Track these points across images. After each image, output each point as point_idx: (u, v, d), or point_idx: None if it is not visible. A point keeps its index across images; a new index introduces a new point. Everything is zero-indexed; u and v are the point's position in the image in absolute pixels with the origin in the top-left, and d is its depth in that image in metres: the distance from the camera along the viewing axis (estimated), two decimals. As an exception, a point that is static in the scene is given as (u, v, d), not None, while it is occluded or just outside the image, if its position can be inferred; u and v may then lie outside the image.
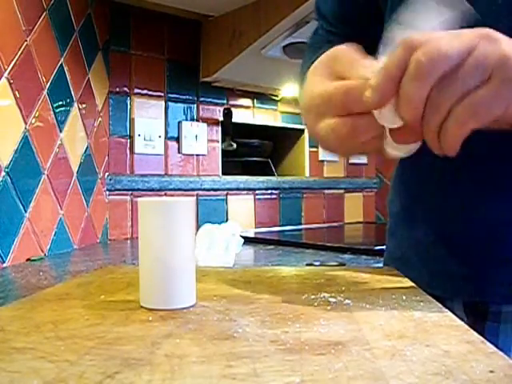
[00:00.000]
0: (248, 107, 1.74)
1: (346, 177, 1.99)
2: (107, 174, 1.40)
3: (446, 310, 0.40)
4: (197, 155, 1.59)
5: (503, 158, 0.51)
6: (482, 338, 0.33)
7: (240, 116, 1.70)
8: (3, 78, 0.94)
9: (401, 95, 0.36)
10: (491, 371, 0.27)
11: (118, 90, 1.43)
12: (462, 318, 0.38)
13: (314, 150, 1.87)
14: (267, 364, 0.28)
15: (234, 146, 1.64)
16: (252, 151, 1.75)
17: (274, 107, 1.81)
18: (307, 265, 0.94)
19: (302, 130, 1.85)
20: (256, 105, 1.77)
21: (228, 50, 1.46)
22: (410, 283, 0.51)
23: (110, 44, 1.42)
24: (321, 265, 0.93)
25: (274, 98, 1.79)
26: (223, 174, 1.65)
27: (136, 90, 1.47)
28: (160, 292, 0.42)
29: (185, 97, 1.57)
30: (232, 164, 1.73)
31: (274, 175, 1.80)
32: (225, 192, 1.64)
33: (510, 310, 0.52)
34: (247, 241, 1.26)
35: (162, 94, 1.52)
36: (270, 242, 1.33)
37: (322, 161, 1.91)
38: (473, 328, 0.35)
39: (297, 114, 1.83)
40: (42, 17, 1.09)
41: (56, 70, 1.14)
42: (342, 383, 0.26)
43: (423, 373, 0.27)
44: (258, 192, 1.72)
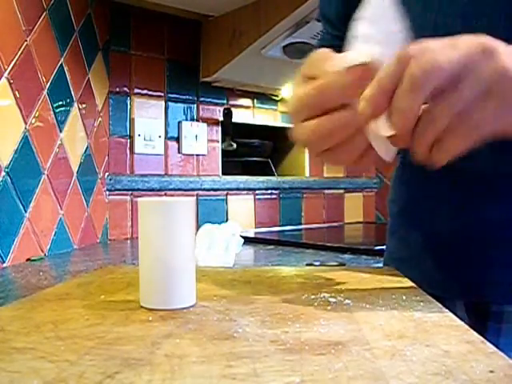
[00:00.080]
0: (248, 107, 1.74)
1: (346, 177, 1.99)
2: (107, 174, 1.40)
3: (446, 310, 0.40)
4: (197, 155, 1.59)
5: (503, 161, 0.51)
6: (481, 338, 0.33)
7: (240, 116, 1.70)
8: (3, 78, 0.94)
9: (393, 107, 0.36)
10: (491, 371, 0.27)
11: (117, 90, 1.43)
12: (463, 319, 0.38)
13: (314, 150, 1.87)
14: (267, 364, 0.28)
15: (234, 146, 1.64)
16: (252, 151, 1.75)
17: (274, 107, 1.81)
18: (307, 265, 0.94)
19: (302, 130, 1.84)
20: (256, 105, 1.77)
21: (228, 50, 1.46)
22: (410, 283, 0.51)
23: (110, 44, 1.42)
24: (321, 265, 0.93)
25: (274, 97, 1.79)
26: (223, 174, 1.65)
27: (136, 90, 1.47)
28: (160, 292, 0.42)
29: (185, 97, 1.57)
30: (232, 164, 1.73)
31: (274, 175, 1.80)
32: (225, 192, 1.64)
33: (511, 311, 0.52)
34: (247, 241, 1.26)
35: (162, 94, 1.52)
36: (270, 241, 1.33)
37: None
38: (474, 328, 0.35)
39: (297, 114, 1.82)
40: (42, 17, 1.09)
41: (56, 70, 1.14)
42: (342, 383, 0.26)
43: (423, 373, 0.27)
44: (257, 192, 1.72)
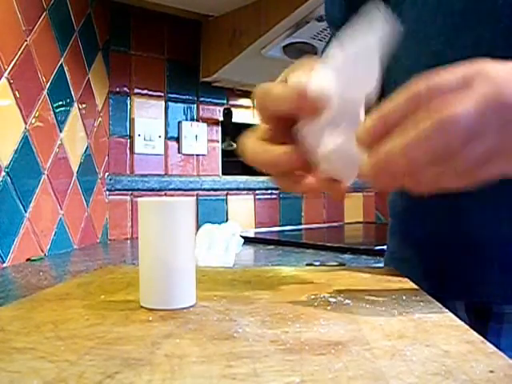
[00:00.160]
0: (248, 107, 1.74)
1: (346, 177, 1.99)
2: (107, 174, 1.40)
3: (446, 310, 0.40)
4: (197, 155, 1.59)
5: None
6: (481, 338, 0.33)
7: (240, 116, 1.69)
8: (3, 78, 0.94)
9: (389, 148, 0.34)
10: (491, 371, 0.27)
11: (118, 90, 1.43)
12: (463, 319, 0.38)
13: (314, 149, 1.87)
14: (267, 364, 0.28)
15: (234, 145, 1.63)
16: (252, 151, 1.75)
17: (274, 107, 1.81)
18: (307, 265, 0.94)
19: (302, 130, 1.85)
20: (256, 105, 1.76)
21: (228, 50, 1.46)
22: (410, 283, 0.51)
23: (110, 44, 1.42)
24: (321, 265, 0.93)
25: (274, 98, 1.79)
26: (223, 174, 1.65)
27: (136, 90, 1.47)
28: (160, 292, 0.42)
29: (185, 97, 1.57)
30: (232, 164, 1.73)
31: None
32: (225, 192, 1.64)
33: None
34: (247, 241, 1.26)
35: (162, 94, 1.52)
36: (270, 241, 1.33)
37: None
38: (475, 329, 0.35)
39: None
40: (42, 17, 1.09)
41: (56, 70, 1.14)
42: (342, 383, 0.26)
43: (423, 373, 0.27)
44: (257, 192, 1.72)
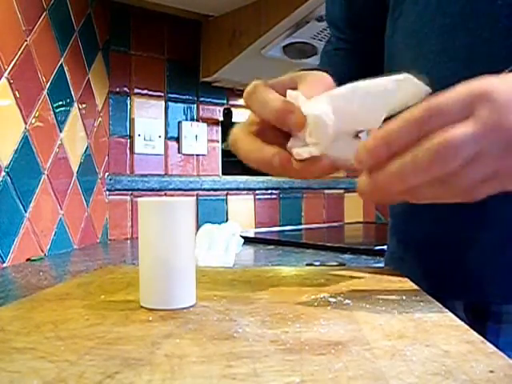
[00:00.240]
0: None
1: (346, 177, 1.99)
2: (107, 174, 1.40)
3: (446, 310, 0.40)
4: (197, 155, 1.59)
5: None
6: (481, 338, 0.33)
7: (240, 116, 1.69)
8: (3, 78, 0.94)
9: (385, 177, 0.35)
10: (491, 371, 0.27)
11: (118, 90, 1.43)
12: (462, 319, 0.38)
13: (314, 149, 1.87)
14: (267, 364, 0.28)
15: (234, 146, 1.63)
16: (252, 151, 1.75)
17: (274, 107, 1.81)
18: (307, 265, 0.94)
19: (302, 130, 1.85)
20: (256, 105, 1.76)
21: (228, 50, 1.46)
22: (410, 283, 0.51)
23: (110, 44, 1.42)
24: (321, 265, 0.93)
25: (274, 98, 1.79)
26: (223, 174, 1.65)
27: (136, 90, 1.47)
28: (160, 292, 0.42)
29: (185, 97, 1.57)
30: (232, 164, 1.73)
31: (273, 175, 1.80)
32: (225, 192, 1.64)
33: (510, 311, 0.52)
34: (247, 241, 1.26)
35: (162, 94, 1.52)
36: (270, 241, 1.33)
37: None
38: (474, 328, 0.35)
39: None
40: (42, 17, 1.09)
41: (56, 70, 1.14)
42: (341, 383, 0.26)
43: (423, 373, 0.27)
44: (258, 192, 1.72)
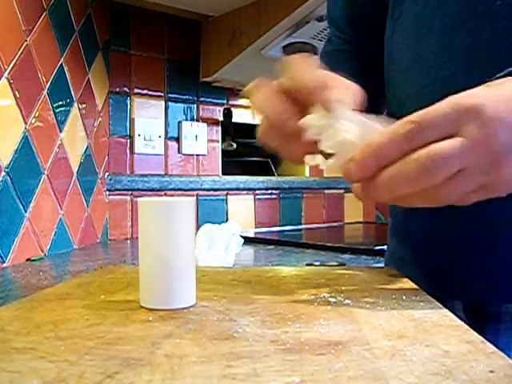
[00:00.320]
0: (248, 107, 1.74)
1: (346, 177, 1.99)
2: (107, 174, 1.40)
3: (446, 310, 0.40)
4: (197, 155, 1.59)
5: None
6: (481, 338, 0.33)
7: (240, 116, 1.69)
8: (3, 78, 0.94)
9: (374, 187, 0.36)
10: (491, 371, 0.27)
11: (118, 90, 1.43)
12: (462, 319, 0.38)
13: (314, 149, 1.87)
14: (267, 364, 0.28)
15: (234, 146, 1.64)
16: (252, 151, 1.75)
17: (274, 107, 1.81)
18: (307, 265, 0.94)
19: (302, 130, 1.85)
20: (256, 105, 1.76)
21: (228, 50, 1.46)
22: (410, 283, 0.51)
23: (110, 44, 1.41)
24: (321, 265, 0.93)
25: (274, 97, 1.79)
26: (223, 174, 1.65)
27: (136, 90, 1.47)
28: (160, 292, 0.42)
29: (185, 97, 1.57)
30: (232, 164, 1.73)
31: (273, 175, 1.80)
32: (225, 192, 1.64)
33: (510, 311, 0.52)
34: (247, 241, 1.26)
35: (162, 94, 1.52)
36: (270, 241, 1.33)
37: (322, 161, 1.91)
38: (473, 328, 0.35)
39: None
40: (42, 17, 1.09)
41: (56, 70, 1.14)
42: (341, 383, 0.26)
43: (423, 373, 0.27)
44: (257, 192, 1.72)
